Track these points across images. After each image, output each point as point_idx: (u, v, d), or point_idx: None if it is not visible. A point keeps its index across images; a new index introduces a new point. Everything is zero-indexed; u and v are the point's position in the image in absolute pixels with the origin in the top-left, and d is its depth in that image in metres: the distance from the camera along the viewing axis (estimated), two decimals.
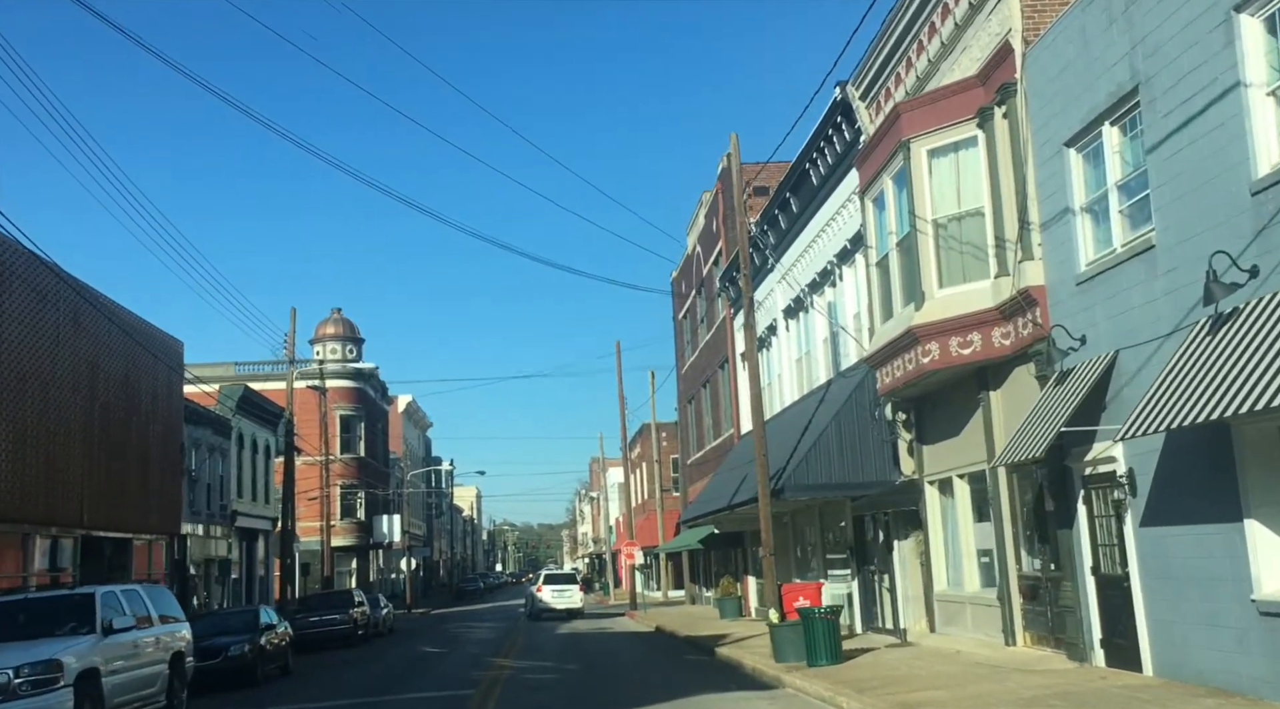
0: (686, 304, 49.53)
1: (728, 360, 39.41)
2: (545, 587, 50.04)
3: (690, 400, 50.35)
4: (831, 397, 25.07)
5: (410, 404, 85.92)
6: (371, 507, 67.33)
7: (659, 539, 60.62)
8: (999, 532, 17.86)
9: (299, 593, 56.99)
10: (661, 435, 64.91)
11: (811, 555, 29.94)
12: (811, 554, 29.92)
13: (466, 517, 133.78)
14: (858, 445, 22.73)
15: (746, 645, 25.43)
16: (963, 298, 17.37)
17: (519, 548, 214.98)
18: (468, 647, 32.93)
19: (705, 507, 33.99)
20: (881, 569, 23.83)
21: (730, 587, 37.63)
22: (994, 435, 17.81)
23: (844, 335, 25.79)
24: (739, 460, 33.17)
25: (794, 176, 27.76)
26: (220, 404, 43.02)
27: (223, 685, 23.41)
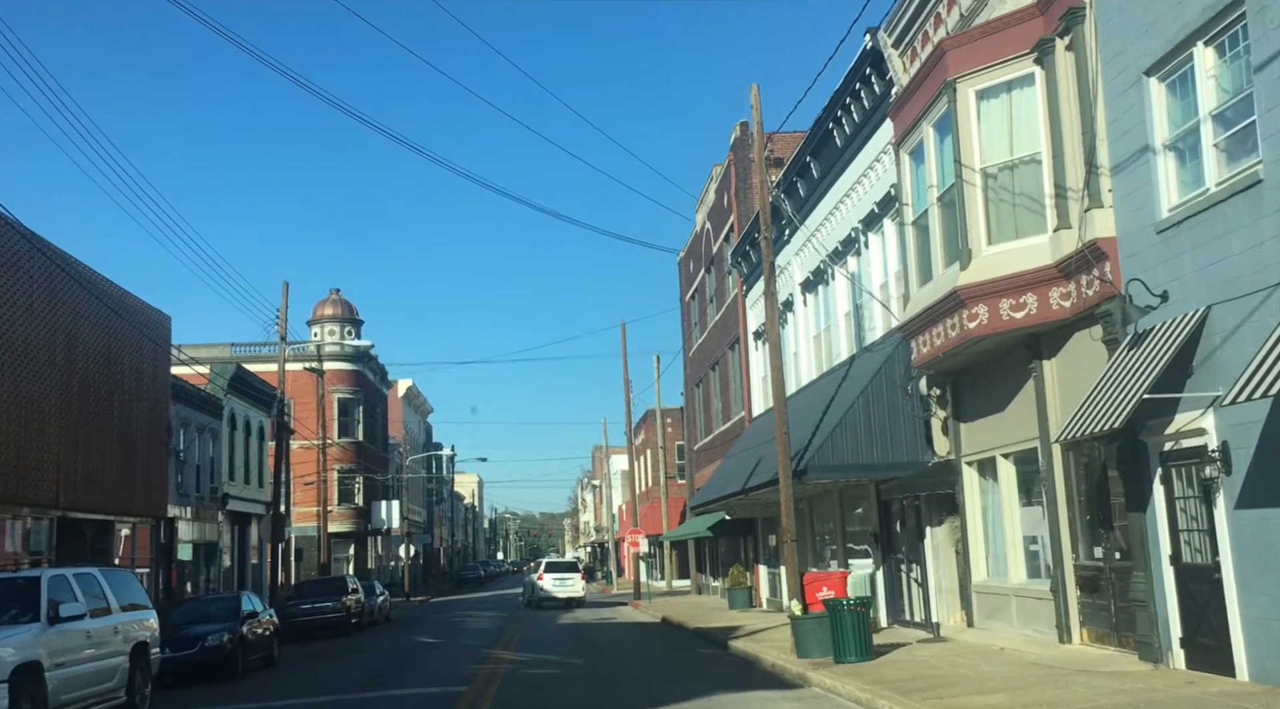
0: (695, 284, 47.61)
1: (739, 340, 37.51)
2: (546, 575, 48.30)
3: (698, 384, 48.47)
4: (856, 373, 23.16)
5: (410, 389, 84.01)
6: (370, 492, 65.54)
7: (664, 527, 58.76)
8: (1052, 517, 15.97)
9: (294, 579, 55.29)
10: (666, 421, 63.04)
11: (829, 544, 28.07)
12: (829, 542, 28.05)
13: (468, 504, 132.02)
14: (887, 424, 20.83)
15: (762, 639, 23.58)
16: (1015, 255, 15.45)
17: (521, 537, 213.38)
18: (465, 637, 31.10)
19: (716, 492, 32.12)
20: (910, 558, 21.94)
21: (740, 576, 35.77)
22: (1048, 409, 15.91)
23: (869, 307, 23.89)
24: (752, 442, 31.31)
25: (815, 139, 25.82)
26: (211, 383, 41.17)
27: (200, 678, 21.57)
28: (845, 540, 26.37)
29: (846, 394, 22.12)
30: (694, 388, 49.60)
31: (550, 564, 51.28)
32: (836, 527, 26.94)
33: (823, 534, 28.34)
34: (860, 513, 25.40)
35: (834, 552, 27.15)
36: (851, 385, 22.36)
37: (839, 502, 26.74)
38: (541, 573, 48.66)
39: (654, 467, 64.31)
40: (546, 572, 48.56)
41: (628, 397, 51.25)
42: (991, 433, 17.92)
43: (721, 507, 33.54)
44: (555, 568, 49.94)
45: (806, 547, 31.70)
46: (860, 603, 17.76)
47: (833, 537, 27.34)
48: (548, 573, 48.39)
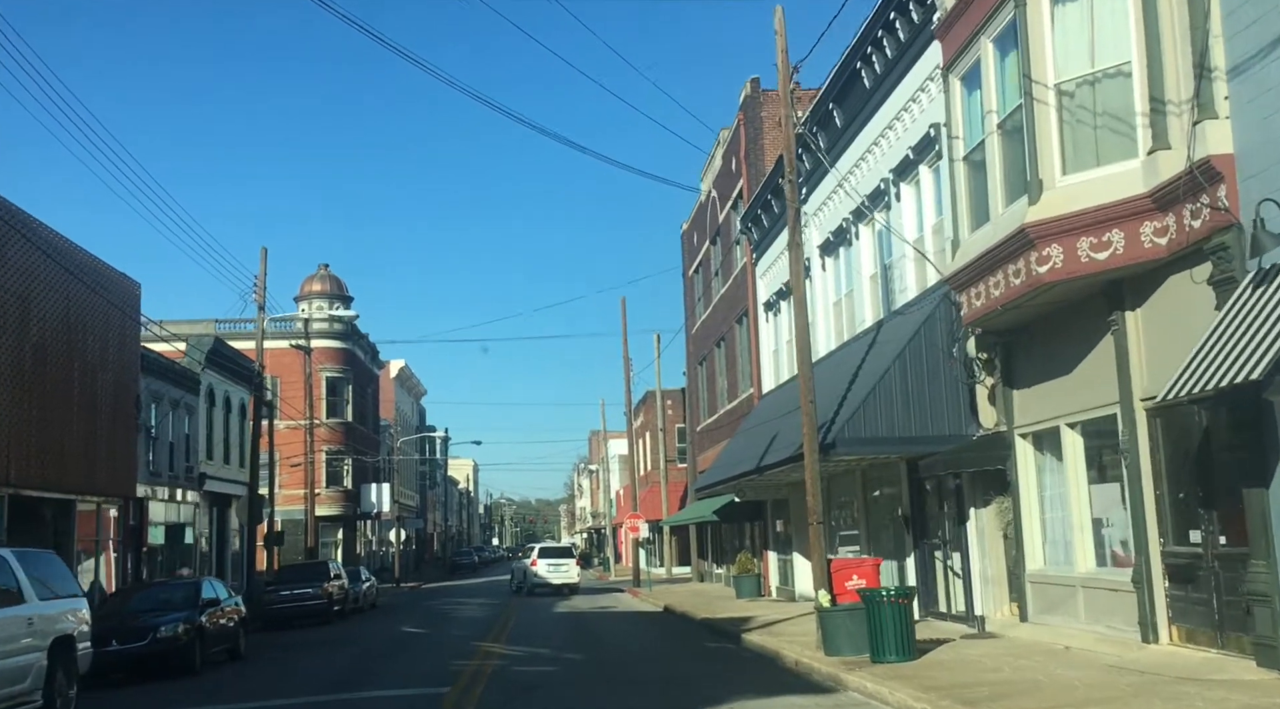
0: (698, 257, 45.12)
1: (747, 313, 35.03)
2: (541, 560, 45.88)
3: (701, 362, 46.02)
4: (885, 338, 20.69)
5: (403, 370, 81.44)
6: (360, 475, 63.08)
7: (663, 512, 56.37)
8: (1135, 495, 13.53)
9: (279, 564, 52.88)
10: (667, 403, 60.59)
11: (846, 529, 25.67)
12: (845, 527, 25.65)
13: (462, 489, 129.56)
14: (925, 393, 18.36)
15: (780, 632, 21.17)
16: (1098, 185, 12.98)
17: (516, 523, 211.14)
18: (453, 627, 28.68)
19: (724, 473, 29.68)
20: (948, 544, 19.52)
21: (748, 563, 33.39)
22: (1130, 369, 13.46)
23: (899, 266, 21.40)
24: (764, 419, 28.88)
25: (839, 83, 23.28)
26: (188, 357, 38.63)
27: (152, 673, 19.13)
28: (870, 524, 23.97)
29: (877, 361, 19.66)
30: (697, 366, 47.15)
31: (545, 549, 49.39)
32: (860, 510, 24.52)
33: (845, 518, 25.91)
34: (886, 494, 22.98)
35: (859, 538, 24.73)
36: (882, 352, 19.90)
37: (860, 482, 24.33)
38: (535, 558, 46.83)
39: (653, 450, 61.91)
40: (541, 557, 46.78)
41: (627, 375, 48.81)
42: (1054, 400, 15.48)
43: (730, 489, 31.12)
44: (550, 553, 48.09)
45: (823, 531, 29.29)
46: (902, 594, 15.35)
47: (856, 521, 24.91)
48: (542, 558, 46.54)
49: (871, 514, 24.13)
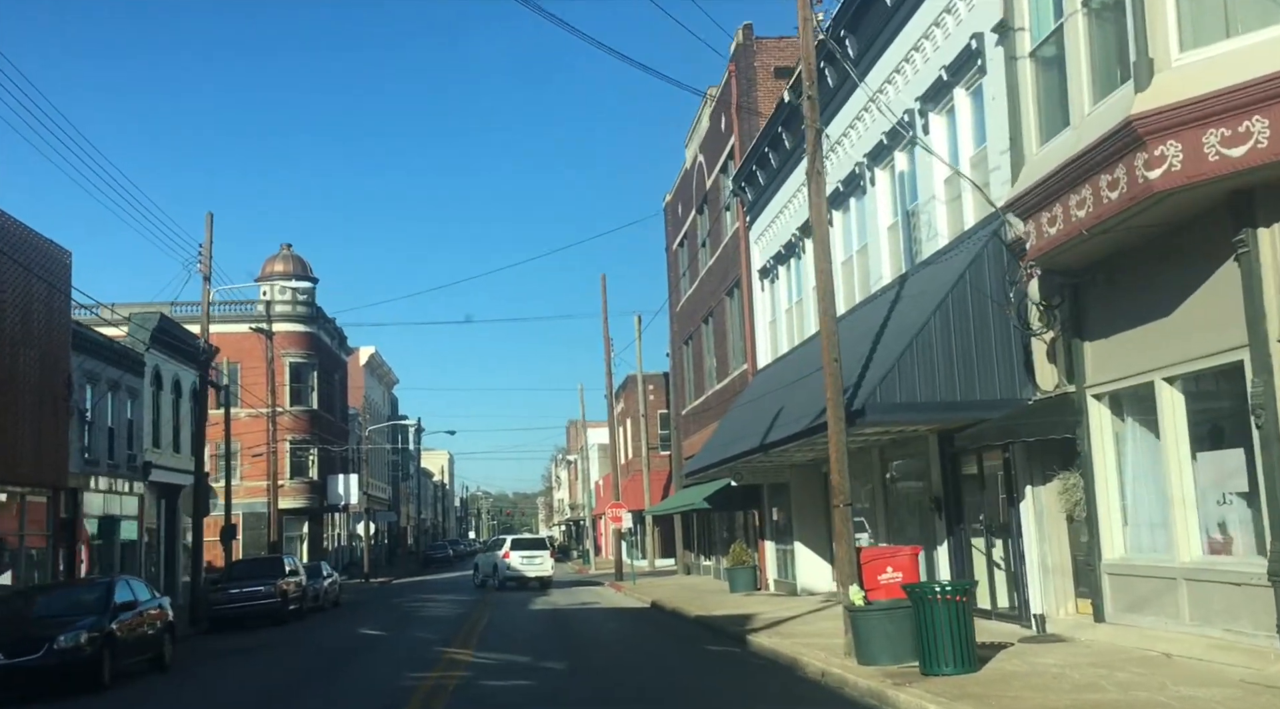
0: (683, 229, 42.04)
1: (740, 282, 31.99)
2: (514, 552, 42.84)
3: (687, 341, 42.97)
4: (916, 291, 17.65)
5: (374, 357, 77.92)
6: (327, 466, 59.71)
7: (645, 502, 53.35)
8: (1270, 463, 10.54)
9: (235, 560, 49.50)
10: (648, 388, 57.52)
11: (862, 513, 22.71)
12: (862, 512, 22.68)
13: (437, 482, 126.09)
14: (971, 350, 15.33)
15: (791, 633, 18.16)
16: (1231, 61, 9.98)
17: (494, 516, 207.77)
18: (418, 628, 25.54)
19: (717, 455, 26.61)
20: (992, 529, 16.54)
21: (743, 554, 30.36)
22: (1265, 301, 10.47)
23: (927, 211, 18.36)
24: (762, 394, 25.85)
25: (853, 4, 20.21)
26: (130, 335, 35.23)
27: (50, 690, 15.88)
28: (889, 506, 20.98)
29: (910, 316, 16.60)
30: (682, 345, 44.10)
31: (518, 541, 46.27)
32: (877, 491, 21.52)
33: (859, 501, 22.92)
34: (910, 473, 19.97)
35: (877, 523, 21.74)
36: (914, 307, 16.83)
37: (877, 461, 21.33)
38: (508, 550, 43.52)
39: (635, 437, 58.85)
40: (514, 549, 43.36)
41: (608, 354, 45.68)
42: (1144, 349, 12.47)
43: (723, 473, 28.08)
44: (523, 545, 44.60)
45: (828, 518, 26.29)
46: (960, 590, 12.34)
47: (864, 506, 21.91)
48: (515, 551, 43.17)
49: (890, 498, 21.14)
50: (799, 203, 25.62)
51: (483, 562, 47.31)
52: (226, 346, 55.60)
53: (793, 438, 18.48)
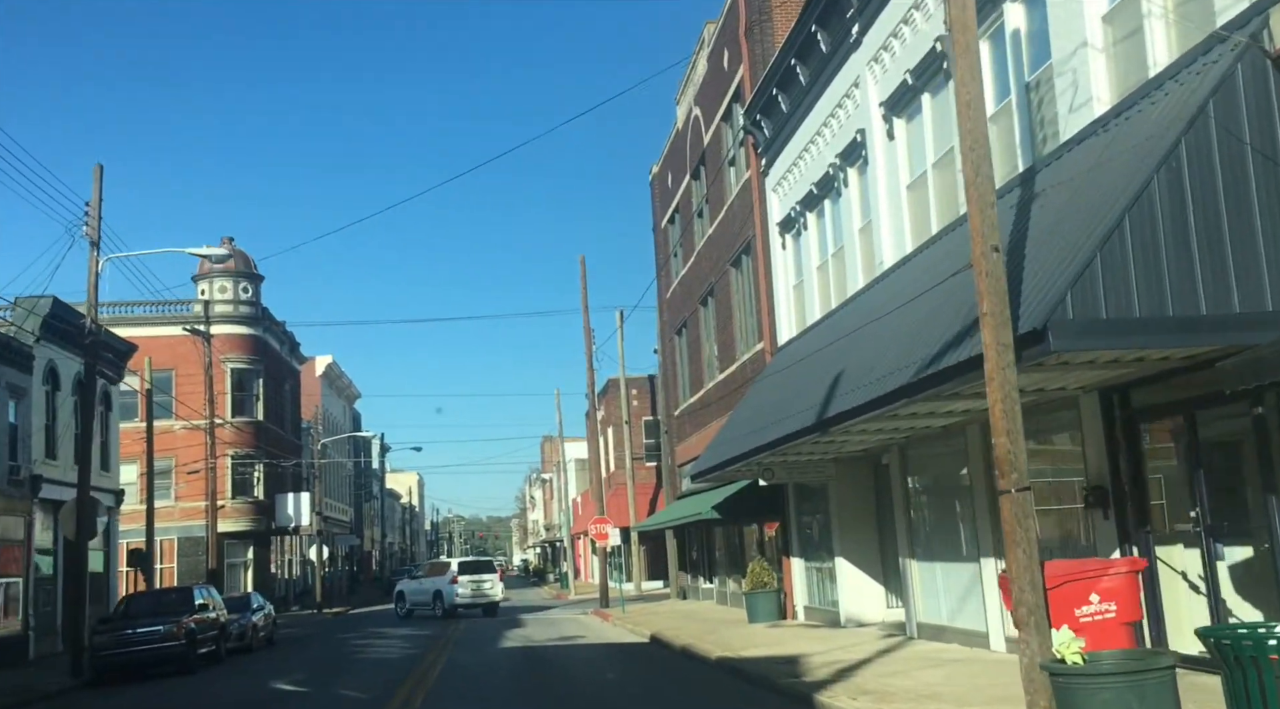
0: (674, 201, 36.03)
1: (752, 244, 25.96)
2: (462, 576, 38.14)
3: (679, 331, 36.89)
4: (1056, 180, 11.61)
5: (331, 367, 71.18)
6: (276, 484, 53.08)
7: (631, 517, 47.10)
8: None
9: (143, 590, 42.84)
10: (631, 393, 51.39)
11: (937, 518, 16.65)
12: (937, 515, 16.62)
13: (405, 504, 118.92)
14: (1221, 234, 9.25)
15: (883, 691, 12.02)
16: None
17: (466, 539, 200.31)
18: (352, 678, 19.20)
19: (737, 447, 20.35)
20: (1223, 531, 10.49)
21: (764, 574, 24.18)
22: None
23: (1070, 71, 12.36)
24: (795, 365, 19.78)
25: None
26: (13, 325, 28.73)
27: None
28: (990, 509, 14.89)
29: (1092, 195, 10.44)
30: (673, 337, 38.00)
31: (465, 564, 40.18)
32: (971, 485, 15.42)
33: (925, 505, 16.84)
34: (1052, 451, 13.88)
35: (966, 534, 15.64)
36: (1096, 183, 10.68)
37: (978, 439, 15.24)
38: (456, 575, 38.29)
39: (617, 447, 52.62)
40: (462, 573, 38.37)
41: (589, 343, 39.42)
42: None
43: (743, 472, 21.96)
44: (472, 568, 39.38)
45: (872, 526, 20.26)
46: None
47: (966, 504, 15.78)
48: (463, 574, 38.27)
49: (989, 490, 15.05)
50: (842, 120, 19.64)
51: (410, 589, 41.26)
52: (158, 351, 49.01)
53: (889, 398, 12.27)
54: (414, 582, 41.89)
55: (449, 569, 39.71)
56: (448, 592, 38.09)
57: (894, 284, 16.46)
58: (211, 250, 25.20)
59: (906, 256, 16.89)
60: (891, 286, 16.45)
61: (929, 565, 16.86)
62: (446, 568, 40.44)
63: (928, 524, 17.09)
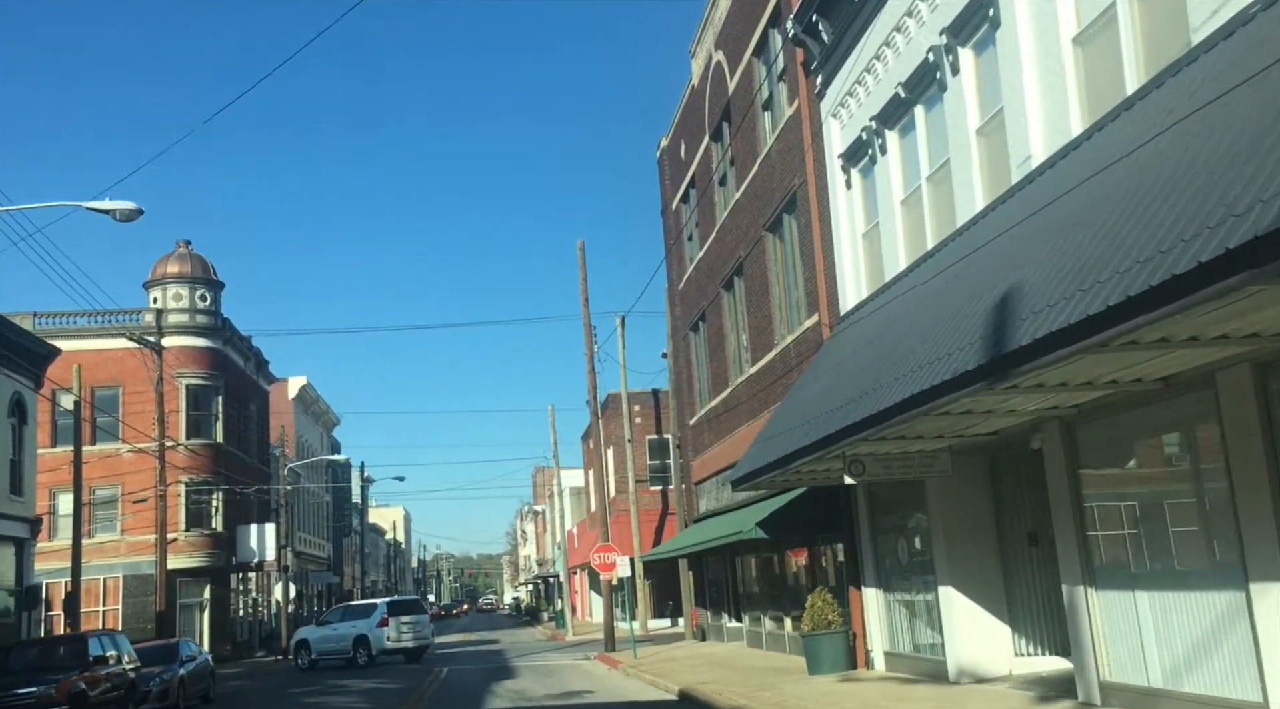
0: (689, 171, 30.56)
1: (802, 193, 20.38)
2: (393, 618, 34.45)
3: (695, 326, 31.30)
4: None
5: (305, 390, 65.12)
6: (239, 514, 47.10)
7: (635, 547, 41.26)
8: None
9: None
10: (634, 408, 45.68)
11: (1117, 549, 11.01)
12: None
13: (390, 540, 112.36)
14: None
15: None
16: None
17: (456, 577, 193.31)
18: None
19: (812, 432, 14.55)
20: None
21: (828, 610, 18.36)
22: None
23: None
24: (864, 329, 14.17)
25: None
26: None
27: None
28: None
29: None
30: (687, 334, 32.39)
31: (395, 604, 36.36)
32: (1222, 465, 9.72)
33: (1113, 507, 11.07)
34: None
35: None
36: None
37: (1217, 403, 9.61)
38: (385, 616, 34.34)
39: (619, 467, 46.81)
40: (392, 614, 34.57)
41: (589, 339, 33.70)
42: None
43: (804, 475, 16.31)
44: (402, 608, 35.81)
45: (992, 543, 14.63)
46: None
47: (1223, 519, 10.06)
48: (394, 615, 34.56)
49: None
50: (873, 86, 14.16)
51: (317, 637, 35.77)
52: (104, 367, 43.19)
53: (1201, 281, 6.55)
54: (324, 628, 35.94)
55: (375, 611, 35.29)
56: (375, 636, 33.91)
57: (1061, 180, 10.90)
58: (117, 205, 19.58)
59: (1074, 141, 11.32)
60: (1059, 182, 10.88)
61: (1124, 597, 11.14)
62: (372, 610, 36.10)
63: (1123, 536, 11.38)
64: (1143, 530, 10.94)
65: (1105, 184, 9.38)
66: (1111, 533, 11.43)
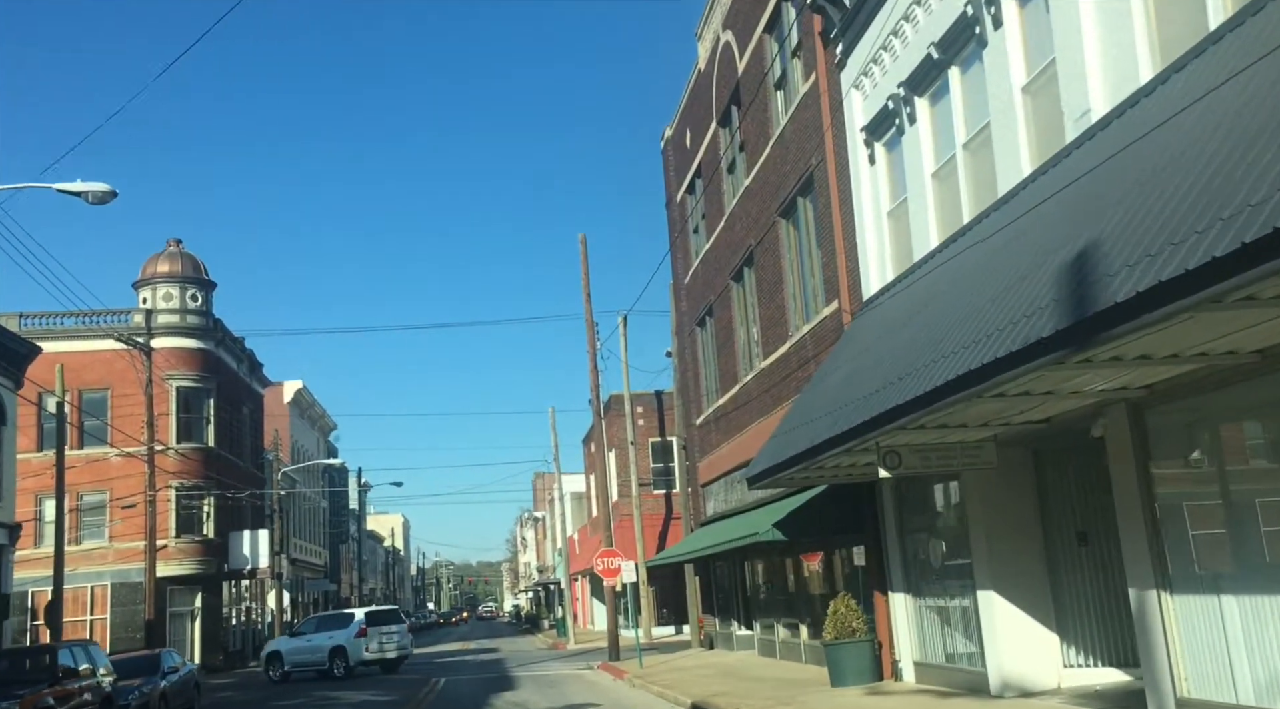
0: (695, 160, 29.27)
1: (824, 166, 19.05)
2: (372, 628, 33.38)
3: (701, 322, 30.00)
4: None
5: (301, 393, 63.75)
6: (232, 520, 45.73)
7: (639, 552, 39.91)
8: None
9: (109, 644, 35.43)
10: (637, 410, 44.33)
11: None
12: None
13: (389, 547, 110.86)
14: None
15: None
16: None
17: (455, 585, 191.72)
18: None
19: (840, 422, 13.21)
20: None
21: (852, 617, 17.00)
22: None
23: None
24: (893, 312, 12.86)
25: None
26: None
27: None
28: None
29: None
30: (693, 330, 31.08)
31: (374, 614, 34.99)
32: None
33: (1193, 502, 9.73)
34: None
35: None
36: None
37: None
38: (364, 627, 33.26)
39: (621, 471, 45.45)
40: (371, 625, 33.49)
41: (591, 336, 32.38)
42: None
43: (828, 471, 15.00)
44: (381, 619, 34.58)
45: (1038, 543, 13.33)
46: None
47: None
48: (373, 626, 33.48)
49: None
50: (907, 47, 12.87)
51: (290, 649, 34.79)
52: (92, 369, 41.91)
53: None
54: (298, 639, 34.69)
55: (353, 621, 34.20)
56: (353, 647, 32.86)
57: (1129, 130, 9.61)
58: (89, 186, 18.25)
59: (1145, 87, 10.02)
60: (1127, 134, 9.59)
61: (1207, 603, 9.80)
62: (350, 620, 35.09)
63: (1207, 535, 10.04)
64: (1229, 528, 9.60)
65: (1193, 128, 8.07)
66: (1196, 532, 10.08)
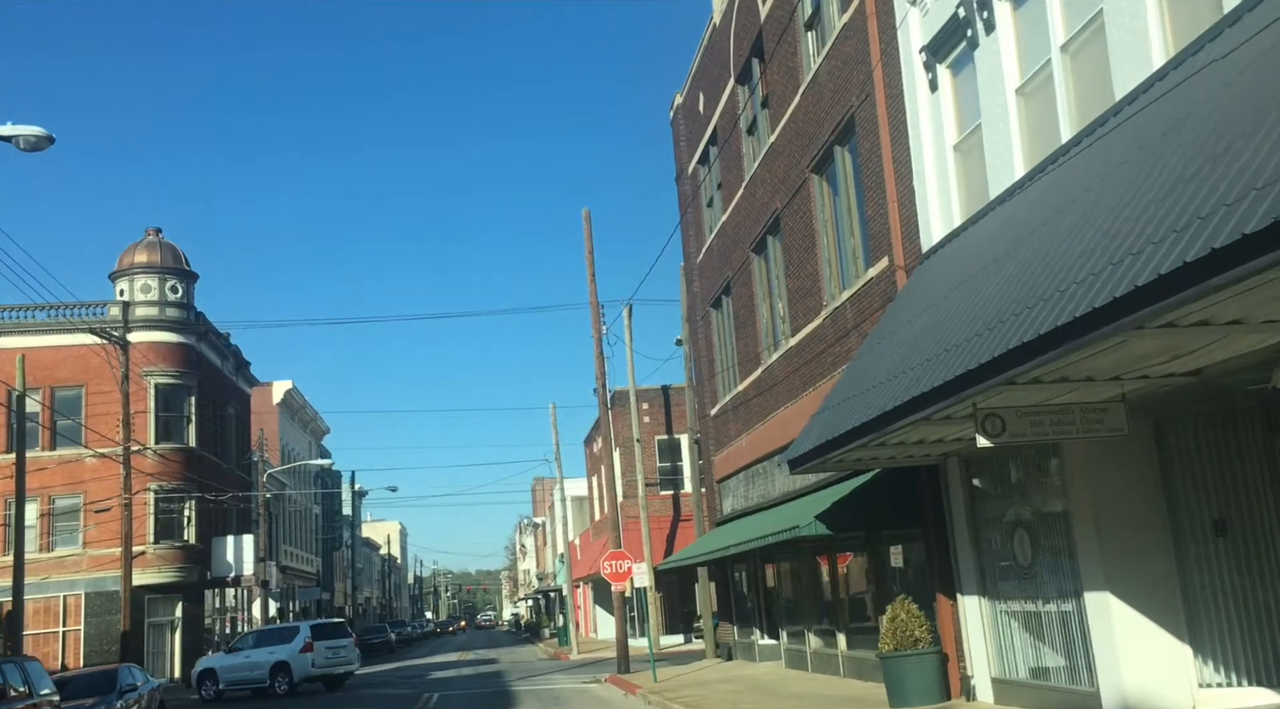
0: (710, 125, 26.63)
1: (872, 100, 16.41)
2: (318, 642, 31.39)
3: (717, 302, 27.35)
4: None
5: (291, 394, 60.93)
6: (215, 525, 42.98)
7: (646, 555, 37.17)
8: None
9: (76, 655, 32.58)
10: (643, 406, 41.65)
11: None
12: None
13: (385, 555, 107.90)
14: None
15: None
16: None
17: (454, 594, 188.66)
18: None
19: (918, 383, 10.57)
20: None
21: (914, 624, 14.32)
22: None
23: None
24: (969, 258, 10.23)
25: None
26: None
27: None
28: None
29: None
30: (707, 311, 28.41)
31: (319, 626, 32.95)
32: None
33: None
34: None
35: None
36: None
37: None
38: (309, 641, 31.23)
39: (626, 470, 42.72)
40: (316, 638, 31.48)
41: (596, 320, 29.64)
42: None
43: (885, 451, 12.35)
44: (327, 632, 32.47)
45: (1167, 533, 10.63)
46: None
47: None
48: (319, 640, 31.49)
49: None
50: None
51: (225, 665, 32.20)
52: (65, 365, 39.23)
53: None
54: (235, 655, 32.10)
55: (298, 634, 31.83)
56: (298, 663, 30.70)
57: None
58: (20, 130, 15.58)
59: None
60: None
61: None
62: (293, 634, 32.70)
63: None
64: None
65: None
66: None
